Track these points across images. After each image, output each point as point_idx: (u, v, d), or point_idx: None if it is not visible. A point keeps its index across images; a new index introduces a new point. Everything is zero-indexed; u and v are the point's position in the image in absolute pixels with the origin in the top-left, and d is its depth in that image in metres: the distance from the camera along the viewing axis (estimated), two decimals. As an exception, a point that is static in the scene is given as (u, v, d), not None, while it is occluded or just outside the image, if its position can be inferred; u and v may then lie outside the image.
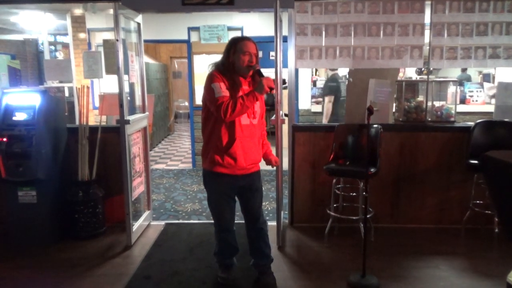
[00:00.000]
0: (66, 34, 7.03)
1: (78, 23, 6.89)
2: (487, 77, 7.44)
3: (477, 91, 6.98)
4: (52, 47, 7.72)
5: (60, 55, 7.73)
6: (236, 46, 2.73)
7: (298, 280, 3.19)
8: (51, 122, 3.83)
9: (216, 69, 2.76)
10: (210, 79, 2.71)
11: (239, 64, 2.72)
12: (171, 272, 3.27)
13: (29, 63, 9.47)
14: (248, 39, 2.79)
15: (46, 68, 4.70)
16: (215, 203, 2.93)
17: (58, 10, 6.30)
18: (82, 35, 6.97)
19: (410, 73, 8.37)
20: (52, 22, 6.83)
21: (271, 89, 2.68)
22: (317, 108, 7.19)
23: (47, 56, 6.50)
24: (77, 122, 4.72)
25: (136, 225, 3.96)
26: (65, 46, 7.58)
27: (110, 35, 6.52)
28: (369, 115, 2.97)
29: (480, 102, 6.93)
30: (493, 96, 7.01)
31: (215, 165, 2.78)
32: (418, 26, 3.96)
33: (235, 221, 3.06)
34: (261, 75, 2.71)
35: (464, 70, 8.28)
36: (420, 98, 4.38)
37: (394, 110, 4.60)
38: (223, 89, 2.65)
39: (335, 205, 3.93)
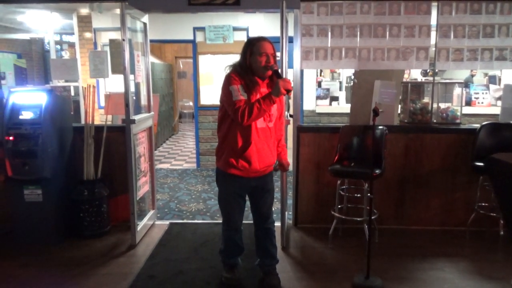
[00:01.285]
0: (72, 34, 7.07)
1: (84, 22, 6.92)
2: (493, 79, 7.41)
3: (482, 93, 6.95)
4: (58, 47, 7.75)
5: (66, 55, 7.76)
6: (253, 48, 2.69)
7: (302, 280, 3.19)
8: (57, 121, 3.85)
9: (233, 71, 2.72)
10: (228, 81, 2.67)
11: (256, 65, 2.67)
12: (175, 272, 3.28)
13: (35, 62, 9.51)
14: (264, 39, 2.73)
15: (52, 67, 4.71)
16: (226, 202, 2.93)
17: (65, 9, 6.33)
18: (88, 35, 7.00)
19: (415, 74, 8.36)
20: (58, 21, 6.86)
21: (288, 91, 2.59)
22: (322, 109, 7.18)
23: (53, 55, 6.53)
24: (82, 121, 4.74)
25: (141, 225, 3.97)
26: (71, 45, 7.61)
27: (116, 35, 6.55)
28: (375, 116, 2.97)
29: (486, 104, 6.90)
30: (499, 98, 6.98)
31: (229, 167, 2.77)
32: (424, 28, 3.95)
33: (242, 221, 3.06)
34: (279, 76, 2.66)
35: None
36: (426, 99, 4.36)
37: (399, 111, 4.58)
38: (240, 92, 2.61)
39: (339, 206, 3.93)
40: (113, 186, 4.16)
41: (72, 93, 6.11)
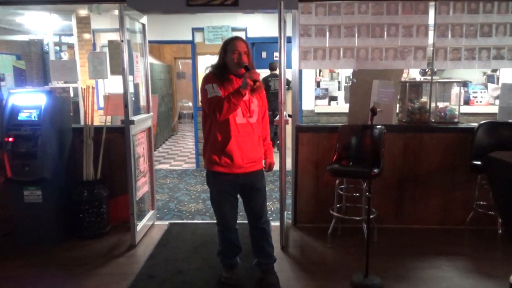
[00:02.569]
0: (71, 35, 7.08)
1: (83, 23, 6.94)
2: (491, 78, 7.42)
3: (481, 92, 6.96)
4: (57, 48, 7.76)
5: (65, 56, 7.78)
6: (227, 47, 2.82)
7: (302, 280, 3.20)
8: (57, 122, 3.86)
9: (210, 71, 2.88)
10: (204, 81, 2.82)
11: (230, 63, 2.80)
12: (175, 272, 3.29)
13: (34, 63, 9.52)
14: (238, 38, 2.87)
15: (52, 69, 4.73)
16: (217, 202, 2.96)
17: (64, 11, 6.35)
18: (87, 36, 7.02)
19: (414, 74, 8.37)
20: (57, 22, 6.88)
21: (255, 82, 2.69)
22: (321, 109, 7.20)
23: (52, 56, 6.54)
24: (81, 122, 4.75)
25: (140, 225, 3.98)
26: (70, 46, 7.62)
27: (115, 36, 6.56)
28: (373, 116, 2.98)
29: (484, 103, 6.92)
30: (497, 97, 6.99)
31: (213, 165, 2.84)
32: (422, 27, 3.96)
33: (239, 221, 3.08)
34: (247, 70, 2.74)
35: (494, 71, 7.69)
36: (424, 99, 4.38)
37: (397, 111, 4.60)
38: (215, 90, 2.74)
39: (338, 206, 3.94)
40: (113, 186, 4.17)
41: (72, 94, 6.13)
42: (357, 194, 4.04)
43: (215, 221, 3.09)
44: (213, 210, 3.05)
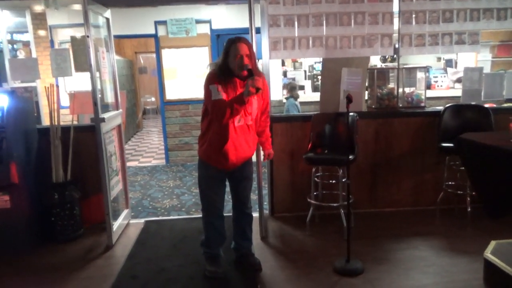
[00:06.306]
0: (25, 32, 6.75)
1: (39, 20, 6.63)
2: (449, 63, 7.70)
3: (441, 77, 7.21)
4: (11, 46, 7.38)
5: (21, 54, 7.42)
6: (229, 49, 2.76)
7: (285, 269, 3.23)
8: (21, 123, 3.69)
9: (214, 70, 2.81)
10: (208, 80, 2.77)
11: (233, 66, 2.75)
12: (157, 270, 3.23)
13: (-14, 63, 9.03)
14: (240, 40, 2.78)
15: (11, 68, 4.49)
16: (206, 186, 3.01)
17: (17, 7, 6.03)
18: (43, 33, 6.72)
19: (374, 61, 8.53)
20: (9, 20, 6.54)
21: (257, 90, 2.60)
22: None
23: (6, 55, 6.21)
24: (43, 123, 4.56)
25: (116, 225, 3.89)
26: (26, 44, 7.27)
27: (73, 32, 6.31)
28: (349, 104, 3.03)
29: (444, 87, 7.17)
30: (456, 81, 7.26)
31: (208, 159, 2.90)
32: (387, 15, 4.04)
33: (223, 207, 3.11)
34: (250, 75, 2.64)
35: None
36: (391, 85, 4.48)
37: (366, 98, 4.69)
38: (219, 92, 2.69)
39: (315, 193, 3.99)
40: (85, 187, 4.05)
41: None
42: (333, 181, 4.10)
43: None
44: (200, 194, 3.08)
